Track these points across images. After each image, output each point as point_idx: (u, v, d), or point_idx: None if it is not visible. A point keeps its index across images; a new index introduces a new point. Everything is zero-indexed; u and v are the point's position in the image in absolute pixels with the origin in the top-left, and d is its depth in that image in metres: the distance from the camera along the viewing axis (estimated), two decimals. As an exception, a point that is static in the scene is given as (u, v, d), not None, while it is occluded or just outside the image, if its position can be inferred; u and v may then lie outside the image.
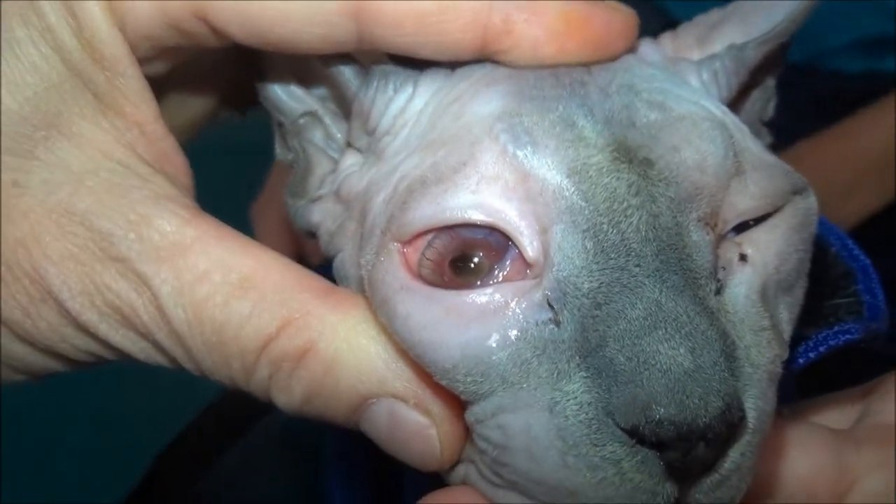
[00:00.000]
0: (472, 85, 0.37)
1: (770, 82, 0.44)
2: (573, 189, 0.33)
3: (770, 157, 0.37)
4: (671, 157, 0.34)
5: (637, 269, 0.32)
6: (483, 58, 0.37)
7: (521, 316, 0.32)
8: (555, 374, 0.32)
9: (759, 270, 0.35)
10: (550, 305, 0.32)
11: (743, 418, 0.31)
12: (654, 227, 0.32)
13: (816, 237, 0.38)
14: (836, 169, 0.94)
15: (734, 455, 0.32)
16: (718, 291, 0.33)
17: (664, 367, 0.30)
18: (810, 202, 0.36)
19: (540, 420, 0.32)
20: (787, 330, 0.36)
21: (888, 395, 0.43)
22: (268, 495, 0.77)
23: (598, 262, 0.32)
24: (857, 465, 0.41)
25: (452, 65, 0.38)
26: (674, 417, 0.30)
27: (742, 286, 0.34)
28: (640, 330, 0.31)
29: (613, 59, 0.37)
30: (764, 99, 0.44)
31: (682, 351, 0.31)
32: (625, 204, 0.32)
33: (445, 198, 0.33)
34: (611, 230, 0.32)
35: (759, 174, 0.35)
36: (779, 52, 0.41)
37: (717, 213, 0.34)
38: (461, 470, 0.36)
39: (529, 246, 0.33)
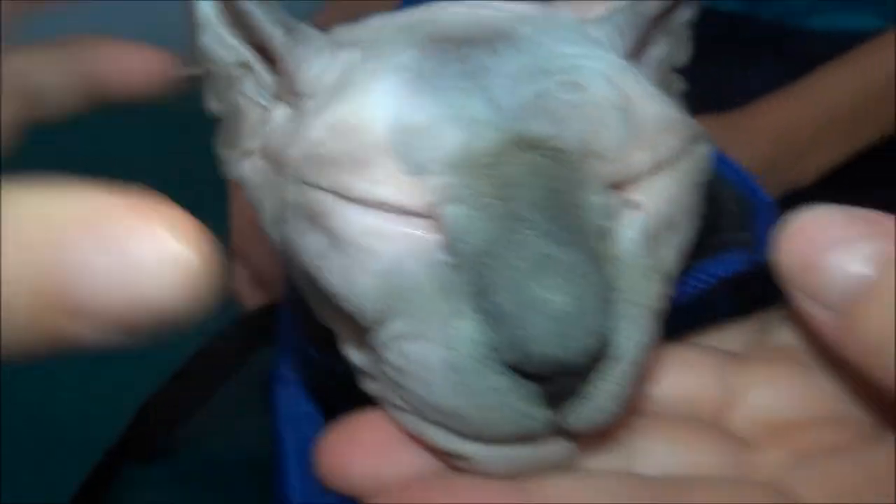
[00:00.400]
0: (375, 71, 0.38)
1: (680, 27, 0.45)
2: (466, 185, 0.35)
3: (670, 112, 0.39)
4: (578, 142, 0.36)
5: (528, 232, 0.34)
6: None
7: (426, 253, 0.36)
8: (452, 312, 0.35)
9: (647, 216, 0.37)
10: (448, 251, 0.35)
11: (613, 353, 0.35)
12: (550, 201, 0.35)
13: (718, 176, 0.41)
14: (796, 125, 0.96)
15: (607, 384, 0.35)
16: (606, 237, 0.36)
17: (545, 310, 0.33)
18: (704, 149, 0.40)
19: (436, 352, 0.35)
20: (673, 268, 0.39)
21: (784, 320, 0.43)
22: (254, 440, 0.78)
23: (489, 230, 0.35)
24: (742, 382, 0.41)
25: (376, 37, 0.39)
26: (551, 356, 0.33)
27: (629, 230, 0.37)
28: (526, 278, 0.33)
29: None
30: (673, 44, 0.45)
31: (562, 296, 0.33)
32: (524, 189, 0.35)
33: (340, 183, 0.36)
34: (504, 206, 0.35)
35: (660, 132, 0.38)
36: None
37: (618, 179, 0.37)
38: (375, 386, 0.40)
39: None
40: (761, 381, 0.41)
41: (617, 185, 0.37)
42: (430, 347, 0.35)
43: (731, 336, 0.45)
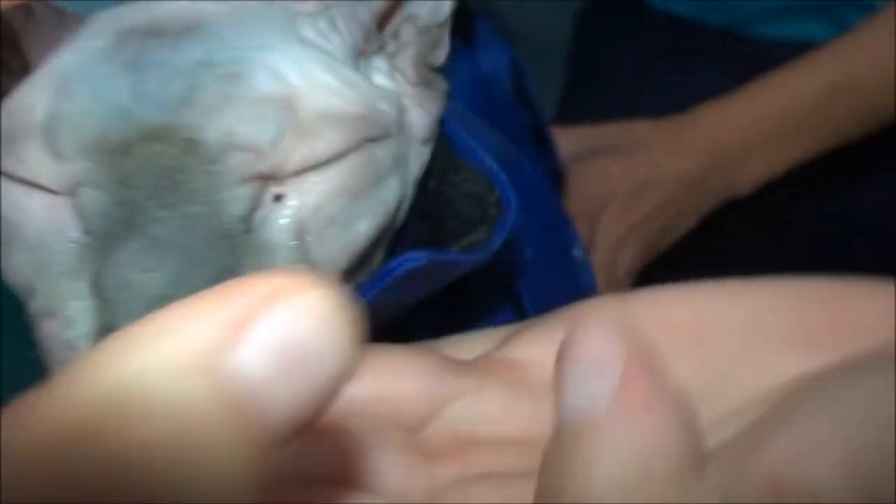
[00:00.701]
0: (56, 58, 0.41)
1: (434, 27, 0.47)
2: (99, 171, 0.37)
3: (347, 108, 0.40)
4: (221, 137, 0.38)
5: (141, 218, 0.36)
6: None
7: (62, 233, 0.38)
8: (74, 293, 0.37)
9: (295, 210, 0.39)
10: (81, 232, 0.38)
11: None
12: (172, 190, 0.37)
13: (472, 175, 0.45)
14: (731, 134, 0.95)
15: None
16: (248, 231, 0.38)
17: (139, 294, 0.35)
18: (383, 152, 0.41)
19: (61, 331, 0.37)
20: (338, 263, 0.41)
21: (522, 332, 0.41)
22: None
23: (112, 214, 0.37)
24: (449, 393, 0.40)
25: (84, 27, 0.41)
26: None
27: (274, 225, 0.39)
28: (130, 262, 0.35)
29: None
30: (428, 43, 0.47)
31: (159, 281, 0.35)
32: (146, 177, 0.37)
33: (3, 159, 0.39)
34: (127, 193, 0.37)
35: (324, 128, 0.40)
36: None
37: (269, 172, 0.39)
38: None
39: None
40: (465, 391, 0.39)
41: (268, 177, 0.39)
42: (57, 326, 0.37)
43: (474, 342, 0.44)
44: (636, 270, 0.96)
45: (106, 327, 0.36)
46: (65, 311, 0.37)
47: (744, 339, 0.45)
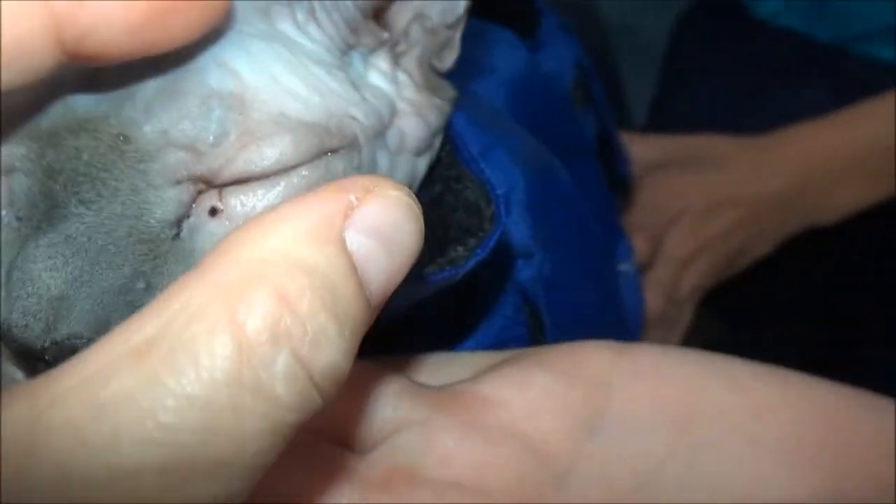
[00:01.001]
0: None
1: (443, 29, 0.44)
2: (32, 157, 0.36)
3: (306, 116, 0.38)
4: (157, 133, 0.36)
5: (60, 211, 0.35)
6: (70, 61, 0.32)
7: None
8: None
9: (224, 223, 0.36)
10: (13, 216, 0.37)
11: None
12: (92, 186, 0.35)
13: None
14: (825, 159, 0.90)
15: None
16: (176, 237, 0.36)
17: (32, 290, 0.34)
18: (341, 165, 0.38)
19: None
20: None
21: (499, 367, 0.43)
22: None
23: (36, 203, 0.36)
24: (401, 420, 0.41)
25: None
26: (16, 336, 0.34)
27: (204, 236, 0.37)
28: (40, 256, 0.35)
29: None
30: (436, 46, 0.44)
31: (58, 281, 0.34)
32: (69, 171, 0.36)
33: None
34: (51, 184, 0.36)
35: (274, 136, 0.37)
36: None
37: (207, 175, 0.36)
38: None
39: None
40: (412, 422, 0.42)
41: (204, 181, 0.36)
42: None
43: (455, 366, 0.46)
44: (701, 291, 0.91)
45: (4, 321, 0.35)
46: None
47: (735, 436, 0.42)
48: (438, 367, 0.47)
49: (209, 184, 0.36)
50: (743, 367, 0.44)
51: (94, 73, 0.36)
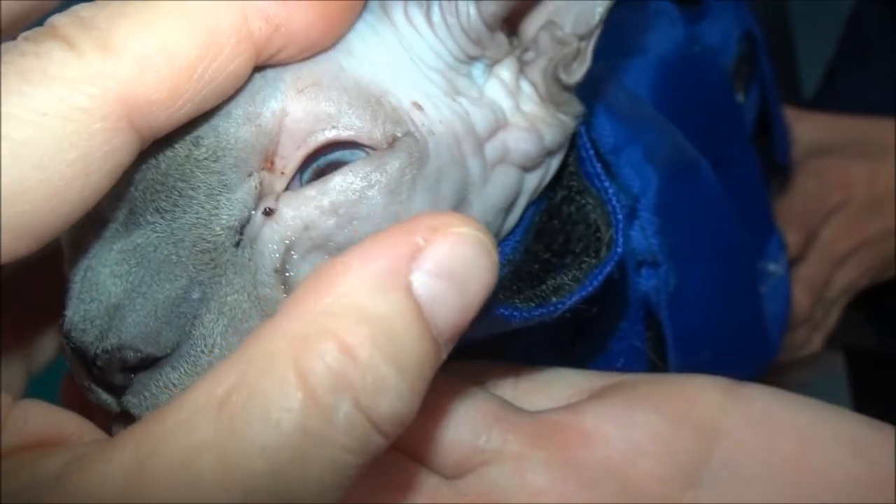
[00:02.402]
0: None
1: (572, 38, 0.41)
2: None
3: (373, 88, 0.37)
4: (222, 118, 0.35)
5: (142, 228, 0.36)
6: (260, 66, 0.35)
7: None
8: (76, 272, 0.37)
9: (282, 229, 0.36)
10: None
11: (150, 358, 0.35)
12: (177, 200, 0.35)
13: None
14: None
15: (171, 372, 0.36)
16: (237, 245, 0.36)
17: (97, 295, 0.35)
18: (396, 163, 0.36)
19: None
20: None
21: (602, 398, 0.42)
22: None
23: (120, 209, 0.36)
24: (495, 451, 0.41)
25: None
26: (73, 339, 0.35)
27: (262, 242, 0.36)
28: (110, 261, 0.36)
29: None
30: (561, 56, 0.41)
31: (119, 289, 0.35)
32: (150, 184, 0.36)
33: None
34: (132, 192, 0.36)
35: (351, 111, 0.36)
36: None
37: (271, 148, 0.36)
38: None
39: None
40: (512, 460, 0.41)
41: (272, 159, 0.36)
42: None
43: (556, 386, 0.45)
44: (853, 292, 0.83)
45: (68, 321, 0.35)
46: (69, 286, 0.37)
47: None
48: (537, 384, 0.45)
49: (272, 164, 0.36)
50: (866, 429, 0.41)
51: None
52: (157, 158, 0.35)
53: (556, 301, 0.39)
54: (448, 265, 0.31)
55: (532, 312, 0.39)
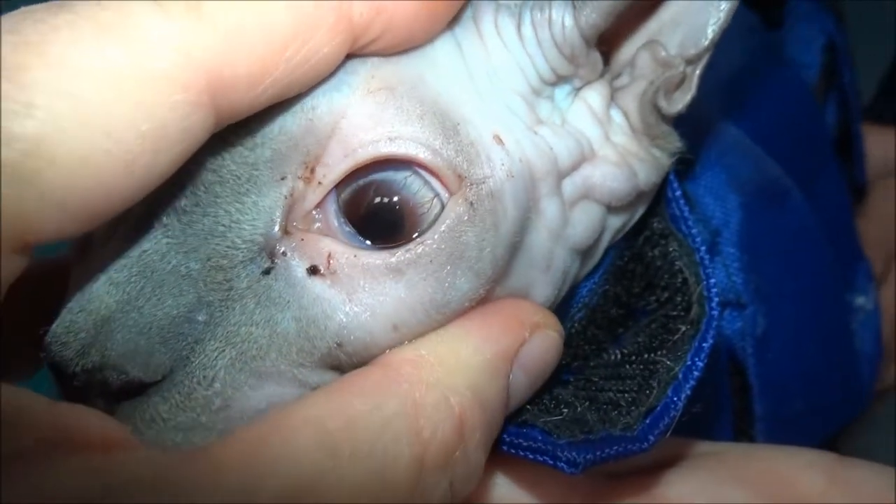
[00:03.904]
0: None
1: (681, 63, 0.36)
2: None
3: (443, 110, 0.32)
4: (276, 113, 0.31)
5: (158, 231, 0.31)
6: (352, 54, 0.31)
7: None
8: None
9: (327, 285, 0.31)
10: None
11: (135, 383, 0.31)
12: (202, 196, 0.31)
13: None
14: None
15: (160, 404, 0.31)
16: (266, 274, 0.31)
17: (87, 304, 0.31)
18: (466, 234, 0.32)
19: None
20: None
21: (693, 470, 0.37)
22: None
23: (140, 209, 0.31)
24: None
25: None
26: (52, 352, 0.31)
27: (301, 292, 0.31)
28: (110, 267, 0.31)
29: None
30: (662, 82, 0.36)
31: (112, 299, 0.31)
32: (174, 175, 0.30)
33: None
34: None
35: (417, 123, 0.31)
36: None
37: (317, 152, 0.32)
38: None
39: None
40: None
41: (313, 166, 0.31)
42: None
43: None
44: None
45: (51, 331, 0.31)
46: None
47: None
48: None
49: (312, 172, 0.31)
50: None
51: None
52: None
53: (666, 400, 0.34)
54: (535, 365, 0.33)
55: (622, 450, 0.33)
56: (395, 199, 0.32)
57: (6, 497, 0.24)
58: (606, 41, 0.36)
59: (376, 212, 0.32)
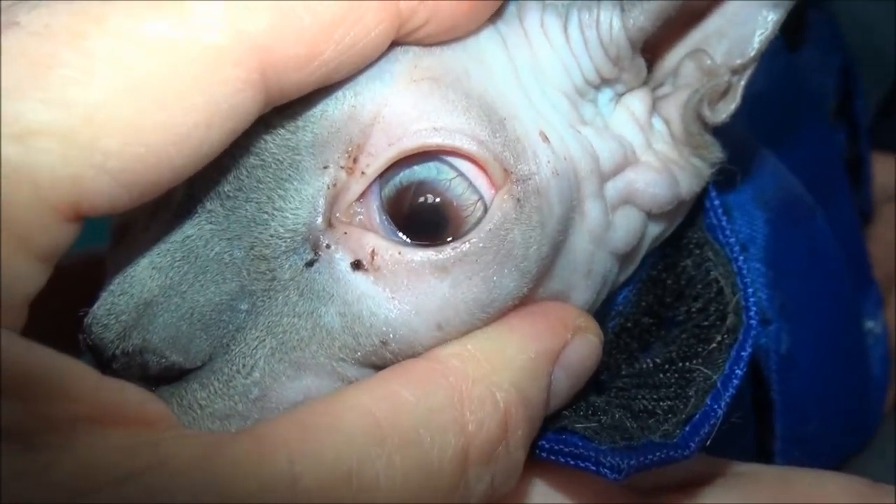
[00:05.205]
0: None
1: (727, 72, 0.36)
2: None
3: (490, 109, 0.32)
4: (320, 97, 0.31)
5: (201, 217, 0.31)
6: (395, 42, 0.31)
7: None
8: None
9: (370, 280, 0.31)
10: None
11: (175, 368, 0.31)
12: (244, 181, 0.31)
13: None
14: None
15: (199, 390, 0.31)
16: (309, 266, 0.31)
17: (129, 287, 0.31)
18: (512, 232, 0.32)
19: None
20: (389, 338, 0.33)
21: (727, 486, 0.37)
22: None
23: (178, 190, 0.32)
24: None
25: None
26: (93, 334, 0.31)
27: (346, 287, 0.31)
28: (153, 251, 0.31)
29: None
30: (707, 90, 0.36)
31: (155, 283, 0.30)
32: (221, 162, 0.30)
33: None
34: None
35: (467, 115, 0.31)
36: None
37: (360, 141, 0.31)
38: None
39: None
40: None
41: (357, 155, 0.31)
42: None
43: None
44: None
45: (91, 313, 0.31)
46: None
47: None
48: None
49: (355, 162, 0.31)
50: None
51: None
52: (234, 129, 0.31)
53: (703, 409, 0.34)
54: (576, 367, 0.33)
55: (658, 457, 0.33)
56: (439, 199, 0.32)
57: (54, 461, 0.24)
58: (650, 49, 0.36)
59: (419, 211, 0.31)
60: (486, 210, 0.31)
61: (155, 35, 0.26)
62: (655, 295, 0.38)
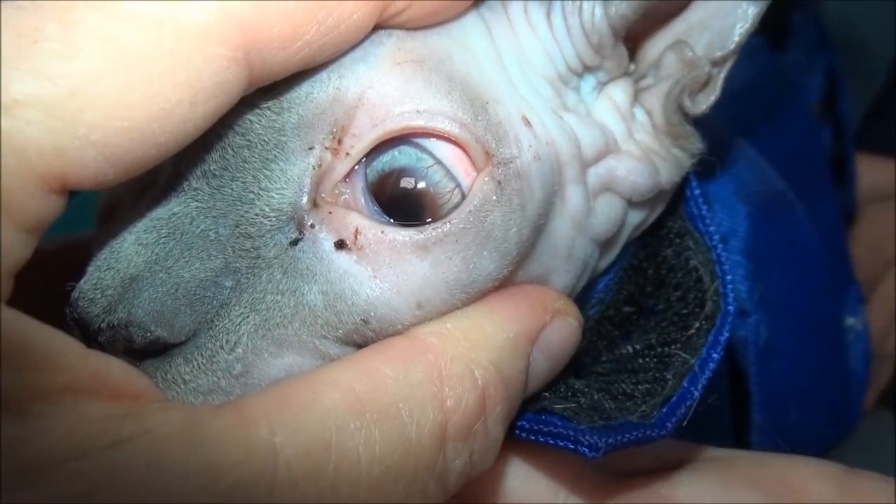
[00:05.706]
0: None
1: (706, 64, 0.36)
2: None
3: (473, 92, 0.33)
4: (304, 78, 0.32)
5: (187, 195, 0.32)
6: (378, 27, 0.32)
7: None
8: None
9: (353, 259, 0.32)
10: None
11: (159, 343, 0.31)
12: (230, 160, 0.32)
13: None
14: None
15: (183, 365, 0.31)
16: (294, 245, 0.32)
17: (115, 263, 0.31)
18: (493, 213, 0.32)
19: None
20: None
21: (698, 471, 0.38)
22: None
23: (165, 168, 0.32)
24: None
25: None
26: (79, 308, 0.31)
27: (328, 266, 0.32)
28: (139, 227, 0.31)
29: None
30: (688, 81, 0.36)
31: (140, 258, 0.31)
32: (207, 140, 0.31)
33: None
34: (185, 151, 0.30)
35: (449, 97, 0.32)
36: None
37: (344, 122, 0.32)
38: None
39: None
40: None
41: (341, 136, 0.32)
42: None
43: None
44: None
45: (78, 288, 0.31)
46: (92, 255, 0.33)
47: None
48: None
49: (339, 143, 0.32)
50: None
51: None
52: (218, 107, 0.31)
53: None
54: (555, 349, 0.34)
55: (633, 436, 0.34)
56: (419, 185, 0.32)
57: (47, 428, 0.24)
58: (634, 41, 0.37)
59: (400, 195, 0.32)
60: (463, 197, 0.32)
61: (141, 11, 0.26)
62: (636, 284, 0.39)
